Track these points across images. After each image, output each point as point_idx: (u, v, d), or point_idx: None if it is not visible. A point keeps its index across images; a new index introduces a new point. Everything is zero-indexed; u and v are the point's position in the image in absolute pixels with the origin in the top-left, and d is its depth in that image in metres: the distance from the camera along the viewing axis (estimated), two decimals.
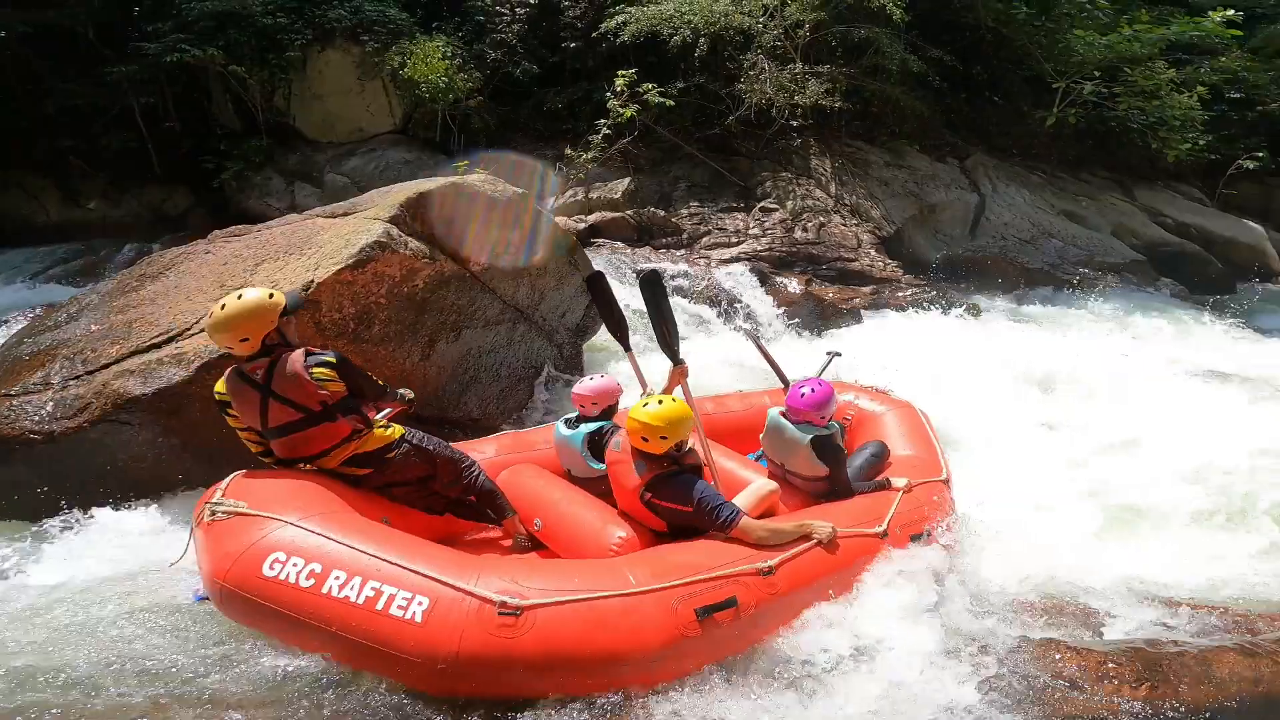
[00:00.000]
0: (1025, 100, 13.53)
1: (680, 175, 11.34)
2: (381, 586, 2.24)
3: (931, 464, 3.61)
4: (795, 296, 8.22)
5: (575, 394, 3.48)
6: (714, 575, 2.48)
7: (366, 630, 2.20)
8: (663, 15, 10.89)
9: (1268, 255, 12.96)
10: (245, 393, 2.78)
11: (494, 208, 5.34)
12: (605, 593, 2.30)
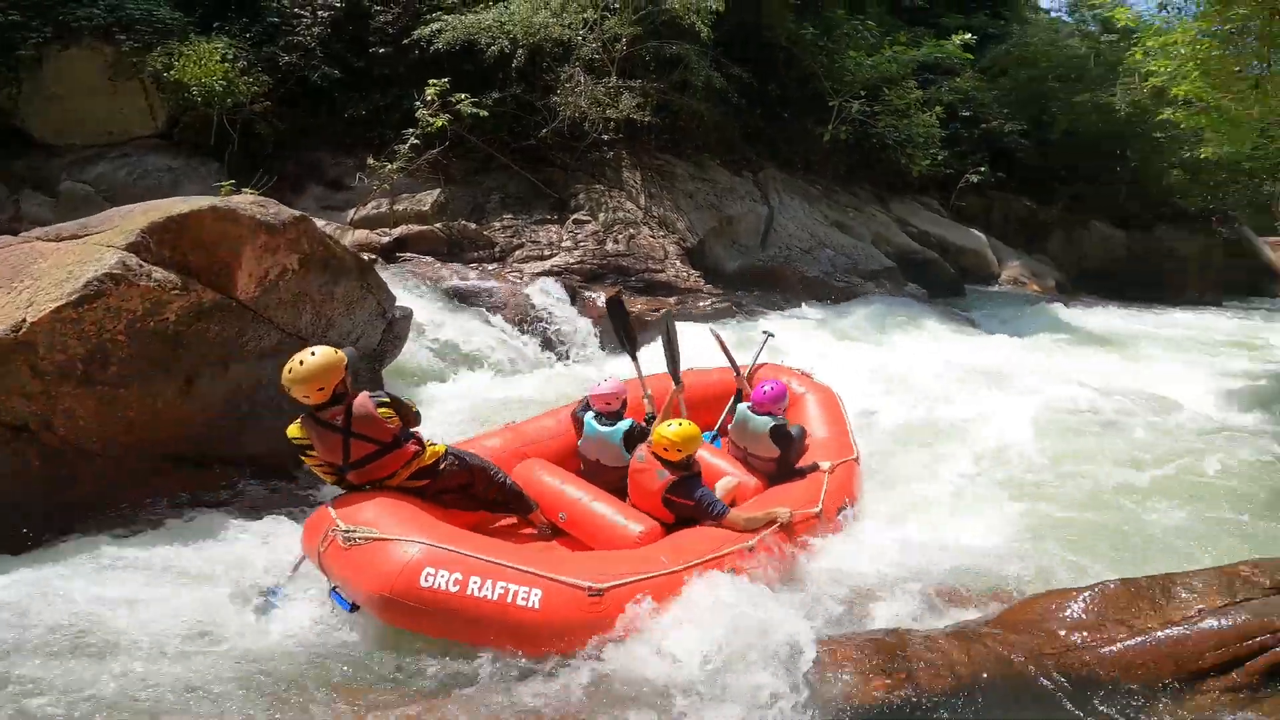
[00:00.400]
0: (810, 117, 14.39)
1: (494, 186, 10.96)
2: (506, 585, 2.79)
3: (844, 445, 4.26)
4: (604, 310, 8.16)
5: (597, 394, 3.87)
6: (717, 555, 3.17)
7: (501, 619, 2.75)
8: (481, 25, 10.44)
9: (989, 260, 15.04)
10: (327, 436, 3.18)
11: (266, 232, 4.72)
12: (652, 574, 2.98)
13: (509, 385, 6.33)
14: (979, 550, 3.87)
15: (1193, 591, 3.11)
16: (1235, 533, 4.24)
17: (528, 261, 9.47)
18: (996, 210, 17.54)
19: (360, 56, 11.11)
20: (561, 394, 5.86)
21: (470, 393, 6.20)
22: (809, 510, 3.63)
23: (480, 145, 10.85)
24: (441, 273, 8.45)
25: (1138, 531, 4.23)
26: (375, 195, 10.05)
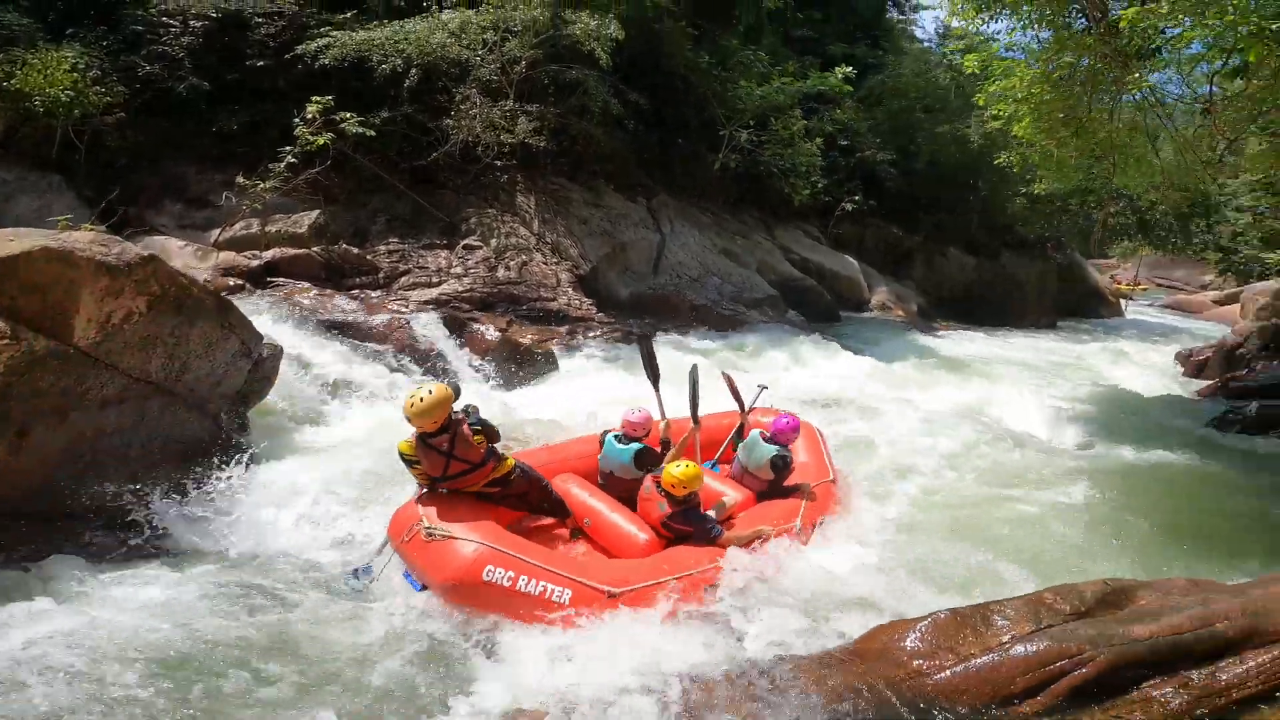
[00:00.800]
0: (702, 144, 14.65)
1: (380, 208, 10.55)
2: (544, 584, 3.57)
3: (822, 469, 5.09)
4: (492, 343, 8.02)
5: (628, 421, 4.56)
6: (709, 567, 3.91)
7: (540, 607, 3.52)
8: (373, 42, 10.05)
9: (861, 287, 15.92)
10: (433, 457, 3.92)
11: (108, 274, 4.34)
12: (654, 581, 3.73)
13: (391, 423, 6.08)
14: (840, 576, 4.19)
15: (1006, 619, 3.50)
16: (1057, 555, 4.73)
17: (414, 289, 9.14)
18: (869, 237, 18.32)
19: (235, 69, 10.43)
20: None
21: (349, 432, 5.94)
22: (787, 525, 4.41)
23: (366, 164, 10.44)
24: (318, 302, 8.01)
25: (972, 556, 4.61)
26: (244, 215, 9.42)
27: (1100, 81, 7.00)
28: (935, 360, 11.49)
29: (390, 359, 7.33)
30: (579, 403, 6.82)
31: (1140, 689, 3.09)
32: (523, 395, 7.26)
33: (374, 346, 7.41)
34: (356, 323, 7.70)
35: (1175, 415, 8.99)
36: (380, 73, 10.06)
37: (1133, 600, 3.52)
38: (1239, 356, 12.02)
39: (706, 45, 14.44)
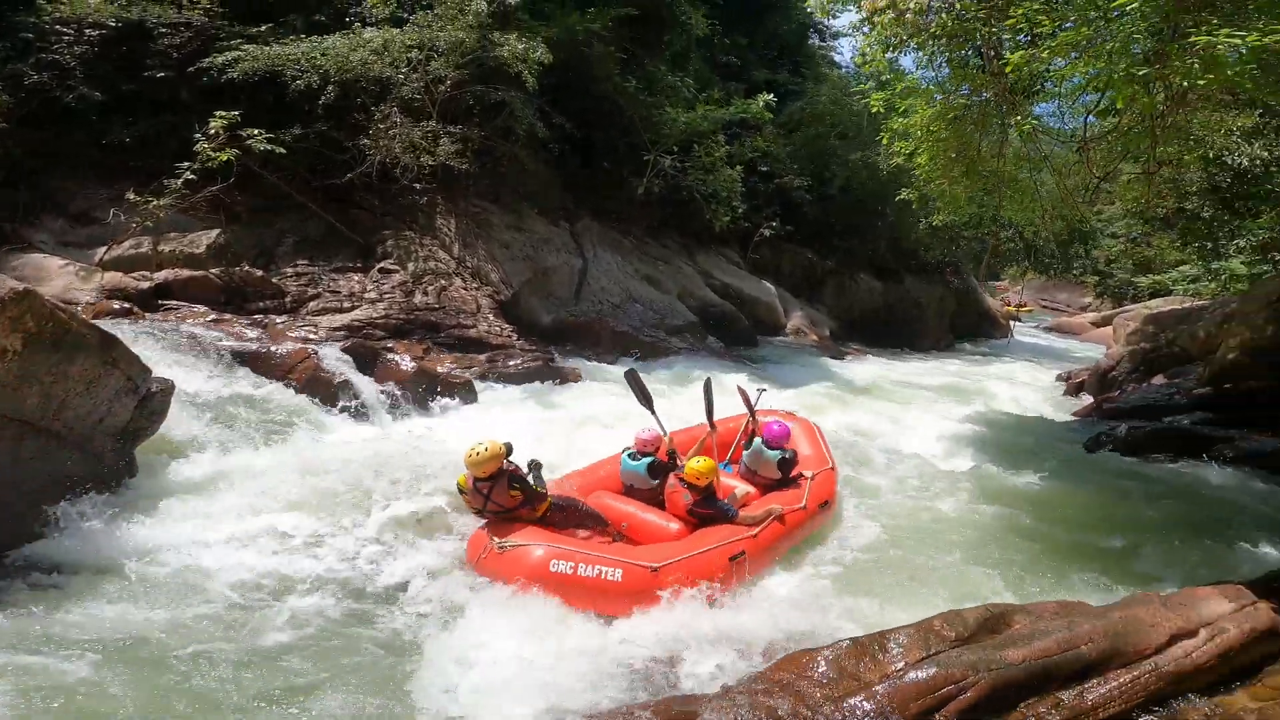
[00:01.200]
0: (627, 168, 14.76)
1: (288, 228, 10.10)
2: (599, 568, 4.24)
3: (821, 459, 6.01)
4: (407, 373, 7.74)
5: (640, 439, 5.39)
6: (732, 540, 4.67)
7: (598, 588, 4.19)
8: (287, 57, 9.64)
9: (778, 311, 16.40)
10: (476, 497, 4.72)
11: None
12: (687, 555, 4.47)
13: (295, 458, 5.81)
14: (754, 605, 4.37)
15: (900, 646, 3.70)
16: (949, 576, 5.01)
17: (324, 314, 8.77)
18: (786, 262, 18.83)
19: (133, 79, 9.81)
20: (360, 463, 5.53)
21: (246, 467, 5.62)
22: (796, 506, 5.27)
23: (275, 182, 10.00)
24: (216, 327, 7.53)
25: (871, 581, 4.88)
26: (135, 233, 8.81)
27: (991, 119, 7.56)
28: (842, 384, 11.95)
29: (295, 388, 6.96)
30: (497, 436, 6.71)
31: (1018, 710, 3.34)
32: (438, 427, 7.06)
33: (277, 376, 7.01)
34: (258, 350, 7.24)
35: (1055, 436, 9.73)
36: (294, 88, 9.70)
37: (1009, 624, 3.79)
38: (1112, 379, 13.12)
39: (635, 70, 14.56)
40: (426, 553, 4.76)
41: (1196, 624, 3.43)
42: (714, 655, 3.88)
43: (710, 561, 4.47)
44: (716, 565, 4.47)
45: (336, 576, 4.44)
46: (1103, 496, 6.83)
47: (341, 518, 4.95)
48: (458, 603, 4.23)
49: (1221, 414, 9.47)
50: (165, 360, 6.32)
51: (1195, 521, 6.14)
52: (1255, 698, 3.23)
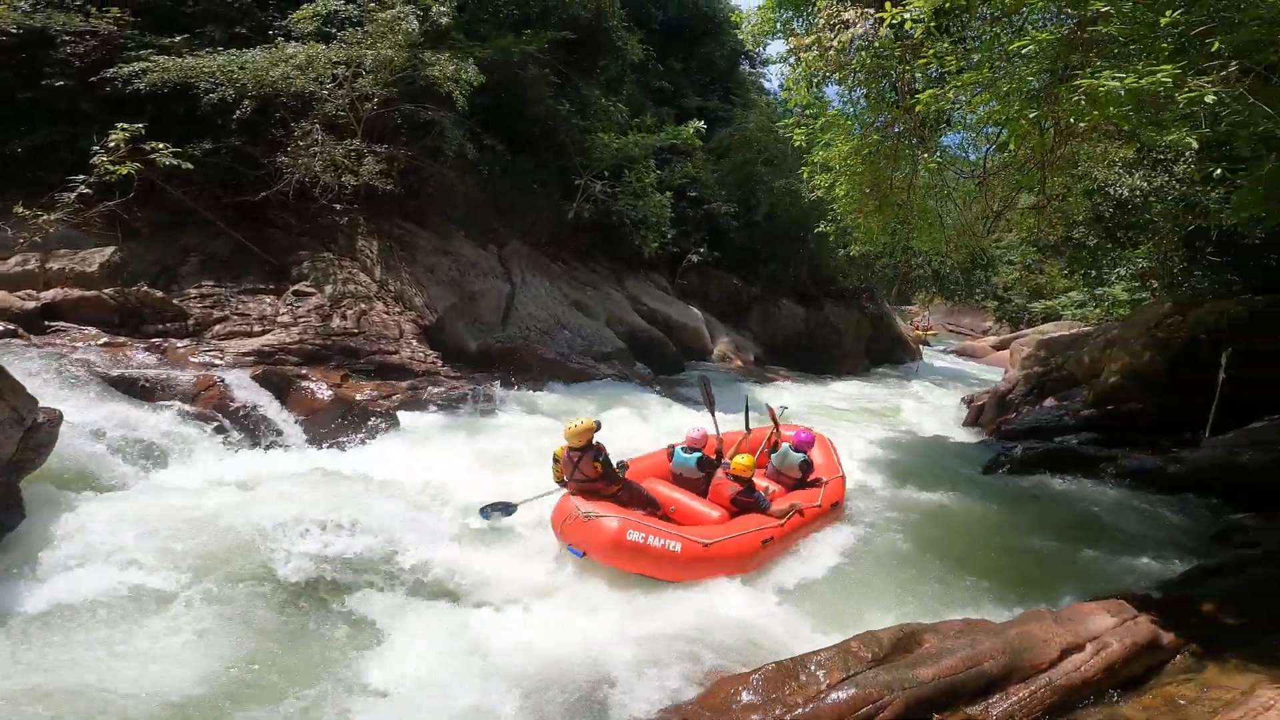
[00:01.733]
0: (558, 192, 14.73)
1: (193, 246, 9.53)
2: (664, 540, 5.14)
3: (833, 467, 7.01)
4: (323, 401, 7.40)
5: (690, 436, 6.29)
6: (763, 528, 5.59)
7: (662, 557, 5.09)
8: (201, 69, 9.18)
9: (704, 337, 16.68)
10: (566, 465, 5.71)
11: None
12: (729, 536, 5.39)
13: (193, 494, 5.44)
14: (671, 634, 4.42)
15: (821, 668, 3.84)
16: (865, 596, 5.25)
17: (231, 338, 8.27)
18: (713, 288, 19.23)
19: (31, 87, 9.12)
20: (270, 500, 5.25)
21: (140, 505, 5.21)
22: (813, 504, 6.24)
23: (180, 198, 9.45)
24: (109, 352, 6.98)
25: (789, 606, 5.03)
26: (21, 249, 8.12)
27: (902, 153, 8.04)
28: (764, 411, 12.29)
29: (198, 418, 6.54)
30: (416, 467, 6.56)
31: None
32: (356, 458, 6.79)
33: (177, 404, 6.56)
34: (156, 377, 6.77)
35: (959, 457, 10.34)
36: (207, 101, 9.25)
37: (920, 643, 4.00)
38: (1008, 401, 14.04)
39: (569, 93, 14.57)
40: (332, 615, 4.43)
41: (1084, 638, 3.71)
42: (643, 681, 3.93)
43: (747, 543, 5.45)
44: (751, 546, 5.45)
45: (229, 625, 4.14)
46: (1001, 515, 7.30)
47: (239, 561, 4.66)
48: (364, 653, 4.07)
49: (1105, 434, 10.30)
50: (53, 388, 5.92)
51: (1083, 538, 6.65)
52: (1142, 708, 3.51)
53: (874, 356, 23.12)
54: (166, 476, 5.78)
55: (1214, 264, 10.52)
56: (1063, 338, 15.91)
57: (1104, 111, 4.35)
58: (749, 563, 5.37)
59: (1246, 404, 8.47)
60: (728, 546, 5.28)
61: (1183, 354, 9.78)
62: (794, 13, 7.99)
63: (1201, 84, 3.79)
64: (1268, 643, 3.88)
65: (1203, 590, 4.61)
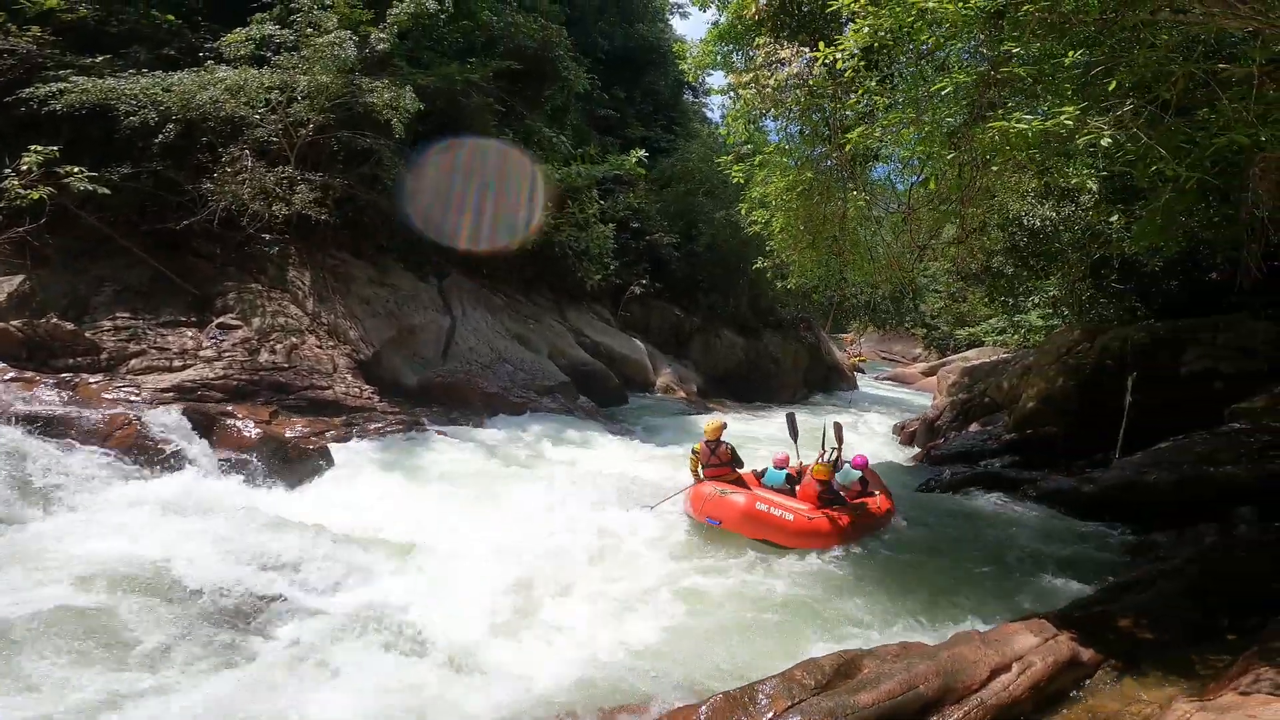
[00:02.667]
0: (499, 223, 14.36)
1: (107, 276, 9.02)
2: (781, 510, 6.83)
3: (882, 485, 8.52)
4: (250, 439, 7.07)
5: (777, 459, 8.00)
6: (844, 514, 7.12)
7: (780, 524, 6.78)
8: (122, 90, 8.79)
9: (647, 368, 16.75)
10: (705, 454, 7.68)
11: None
12: (823, 515, 6.97)
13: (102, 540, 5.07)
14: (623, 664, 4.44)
15: (767, 697, 3.87)
16: (811, 624, 5.30)
17: (149, 373, 7.81)
18: (655, 319, 19.37)
19: None
20: (200, 536, 5.00)
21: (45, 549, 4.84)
22: (874, 507, 7.73)
23: (94, 224, 8.96)
24: (14, 388, 6.50)
25: (735, 635, 5.04)
26: None
27: (834, 188, 8.39)
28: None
29: (112, 457, 6.14)
30: (351, 504, 6.34)
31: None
32: (286, 497, 6.50)
33: (91, 443, 6.16)
34: (66, 415, 6.33)
35: (892, 483, 10.64)
36: (127, 124, 8.86)
37: (859, 669, 4.08)
38: (937, 427, 14.70)
39: (512, 123, 14.52)
40: (261, 661, 4.14)
41: (1010, 658, 3.88)
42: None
43: (835, 522, 6.90)
44: (838, 526, 6.89)
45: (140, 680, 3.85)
46: (931, 538, 7.61)
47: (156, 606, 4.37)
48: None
49: (1026, 456, 10.91)
50: None
51: (1007, 558, 6.98)
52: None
53: (811, 384, 23.75)
54: (71, 520, 5.36)
55: (1118, 291, 11.32)
56: (985, 365, 16.80)
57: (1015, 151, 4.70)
58: (834, 540, 6.83)
59: (1151, 426, 9.11)
60: (821, 523, 6.85)
61: (1092, 379, 10.47)
62: (734, 46, 8.31)
63: (1099, 125, 4.13)
64: (1183, 655, 4.15)
65: (1118, 606, 4.88)
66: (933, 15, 4.63)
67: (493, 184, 13.63)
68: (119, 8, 10.39)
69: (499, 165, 13.74)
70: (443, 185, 12.74)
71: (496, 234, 14.15)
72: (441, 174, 12.74)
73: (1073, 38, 4.41)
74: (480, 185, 13.50)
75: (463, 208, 13.54)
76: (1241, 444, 7.77)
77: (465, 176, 13.43)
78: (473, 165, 13.41)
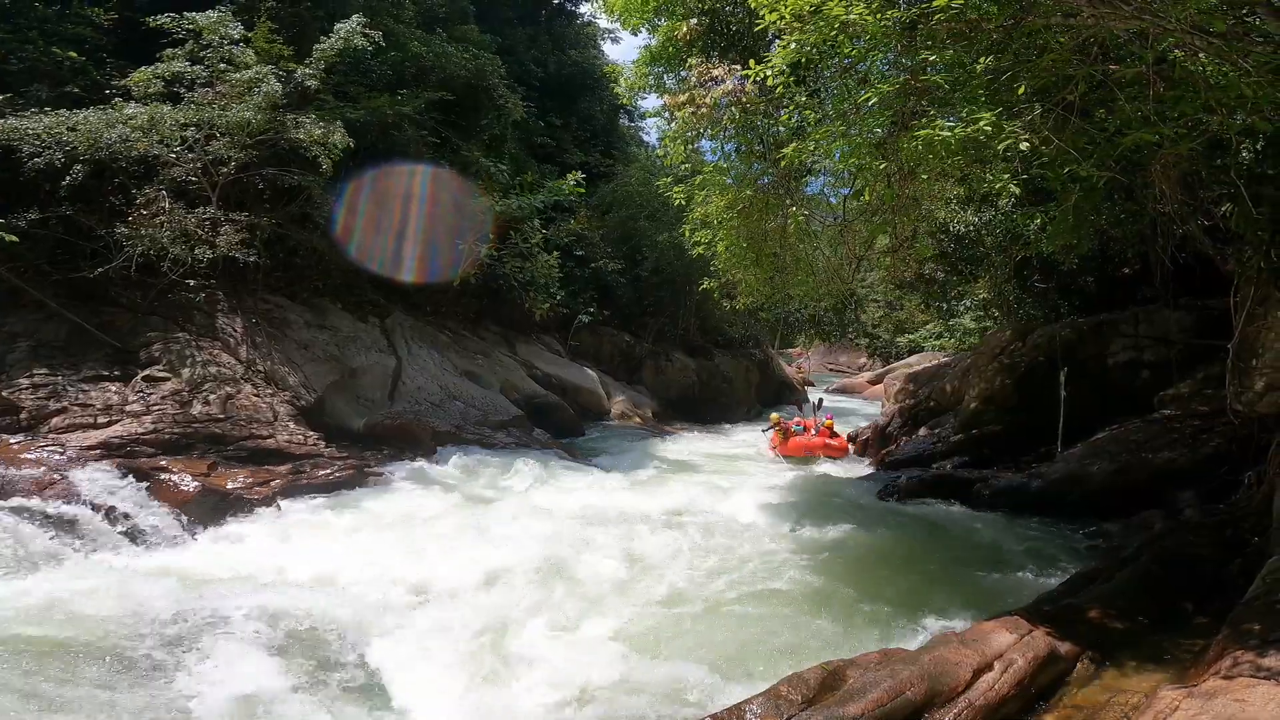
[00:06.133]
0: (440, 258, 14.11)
1: (21, 331, 8.44)
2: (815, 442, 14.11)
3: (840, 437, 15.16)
4: (189, 493, 6.68)
5: (799, 420, 14.81)
6: (842, 441, 15.09)
7: (819, 448, 13.93)
8: (25, 131, 8.29)
9: (601, 397, 16.69)
10: (776, 433, 14.58)
11: None
12: (835, 442, 14.78)
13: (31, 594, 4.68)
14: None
15: (755, 716, 3.82)
16: (788, 637, 5.28)
17: (72, 431, 7.32)
18: (604, 346, 19.40)
19: None
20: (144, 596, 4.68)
21: None
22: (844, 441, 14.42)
23: (3, 275, 8.38)
24: None
25: (715, 654, 4.99)
26: None
27: (773, 204, 8.56)
28: (669, 463, 12.44)
29: (37, 520, 5.71)
30: (302, 552, 6.02)
31: None
32: (231, 550, 6.14)
33: (15, 507, 5.73)
34: None
35: (851, 491, 10.85)
36: (31, 166, 8.36)
37: (844, 680, 4.07)
38: (889, 434, 15.05)
39: (448, 154, 14.39)
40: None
41: (991, 657, 3.94)
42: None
43: (843, 444, 13.95)
44: (841, 445, 13.88)
45: None
46: (895, 543, 7.73)
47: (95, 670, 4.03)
48: None
49: (974, 456, 11.26)
50: None
51: (968, 557, 7.16)
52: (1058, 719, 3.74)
53: (764, 400, 24.12)
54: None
55: (1041, 290, 11.93)
56: (927, 370, 17.38)
57: (939, 159, 4.90)
58: (841, 454, 13.75)
59: (1087, 418, 9.56)
60: (834, 447, 13.62)
61: (1027, 377, 10.95)
62: (666, 68, 8.46)
63: (1016, 129, 4.36)
64: (1155, 642, 4.28)
65: (1084, 598, 5.03)
66: (854, 29, 4.83)
67: (427, 211, 13.43)
68: (16, 46, 9.90)
69: (434, 190, 13.54)
70: (377, 218, 12.47)
71: (438, 265, 13.93)
72: (375, 207, 12.48)
73: (980, 45, 4.65)
74: (417, 214, 13.30)
75: (401, 238, 13.30)
76: (1174, 430, 8.22)
77: (402, 204, 13.20)
78: (409, 192, 13.20)
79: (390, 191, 12.92)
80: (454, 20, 17.83)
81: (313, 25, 12.17)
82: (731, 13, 8.13)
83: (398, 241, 13.53)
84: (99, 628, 4.40)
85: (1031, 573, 6.57)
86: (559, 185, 15.73)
